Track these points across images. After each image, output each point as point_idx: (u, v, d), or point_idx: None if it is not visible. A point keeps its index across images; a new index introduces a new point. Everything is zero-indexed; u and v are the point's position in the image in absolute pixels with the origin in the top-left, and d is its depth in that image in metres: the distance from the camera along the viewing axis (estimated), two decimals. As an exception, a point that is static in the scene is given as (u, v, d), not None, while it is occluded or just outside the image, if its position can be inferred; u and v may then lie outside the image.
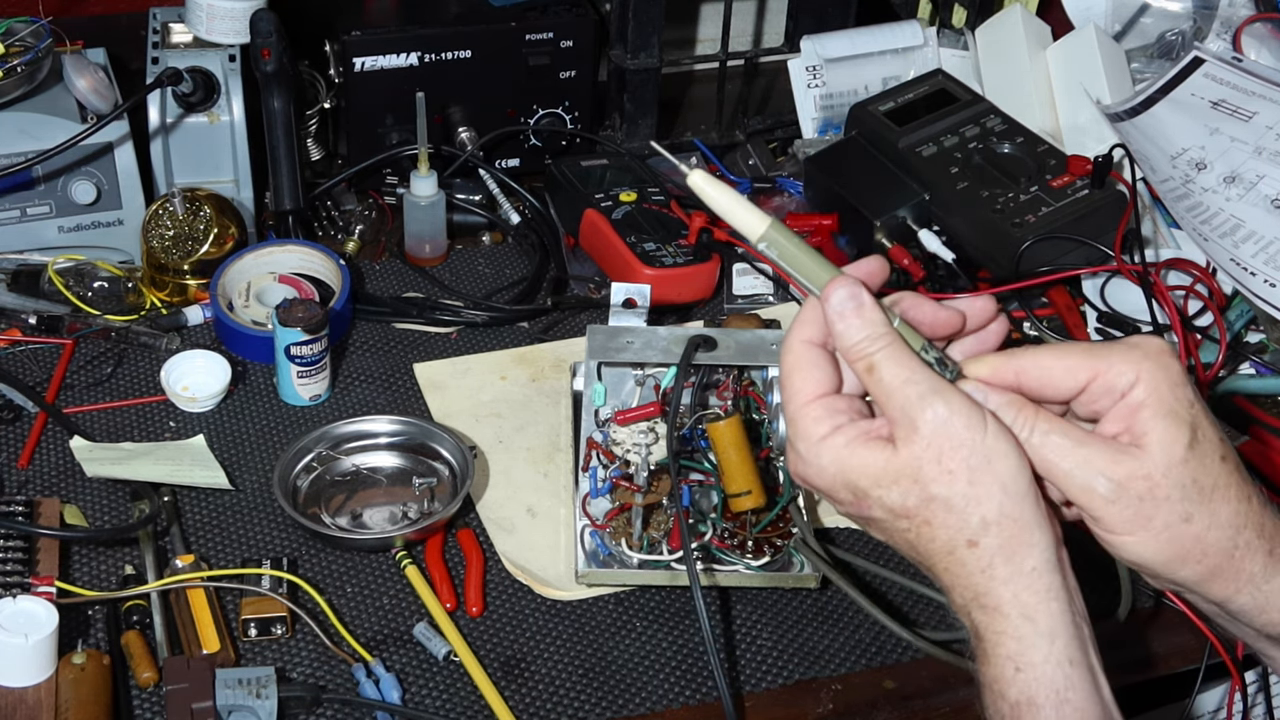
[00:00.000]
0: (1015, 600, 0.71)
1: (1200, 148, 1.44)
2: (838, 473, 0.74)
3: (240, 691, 0.95)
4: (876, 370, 0.73)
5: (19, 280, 1.30)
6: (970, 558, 0.72)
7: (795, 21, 1.64)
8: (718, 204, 0.75)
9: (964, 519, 0.71)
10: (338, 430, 1.18)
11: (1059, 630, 0.71)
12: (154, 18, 1.42)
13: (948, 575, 0.74)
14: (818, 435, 0.74)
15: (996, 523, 0.71)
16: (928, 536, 0.73)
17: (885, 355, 0.73)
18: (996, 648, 0.72)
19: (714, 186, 0.75)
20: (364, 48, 1.43)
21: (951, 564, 0.73)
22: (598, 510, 1.09)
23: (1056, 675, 0.71)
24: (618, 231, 1.37)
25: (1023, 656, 0.71)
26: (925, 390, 0.72)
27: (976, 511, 0.71)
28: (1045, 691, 0.71)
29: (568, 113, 1.53)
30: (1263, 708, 1.22)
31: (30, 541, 1.05)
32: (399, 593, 1.07)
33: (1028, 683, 0.71)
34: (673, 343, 1.06)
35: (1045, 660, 0.71)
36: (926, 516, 0.72)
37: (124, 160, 1.33)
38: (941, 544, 0.73)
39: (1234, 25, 1.56)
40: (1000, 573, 0.72)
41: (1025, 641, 0.71)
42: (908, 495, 0.72)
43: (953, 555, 0.73)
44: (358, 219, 1.46)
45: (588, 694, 1.01)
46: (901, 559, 0.80)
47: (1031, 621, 0.71)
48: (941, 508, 0.72)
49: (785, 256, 0.75)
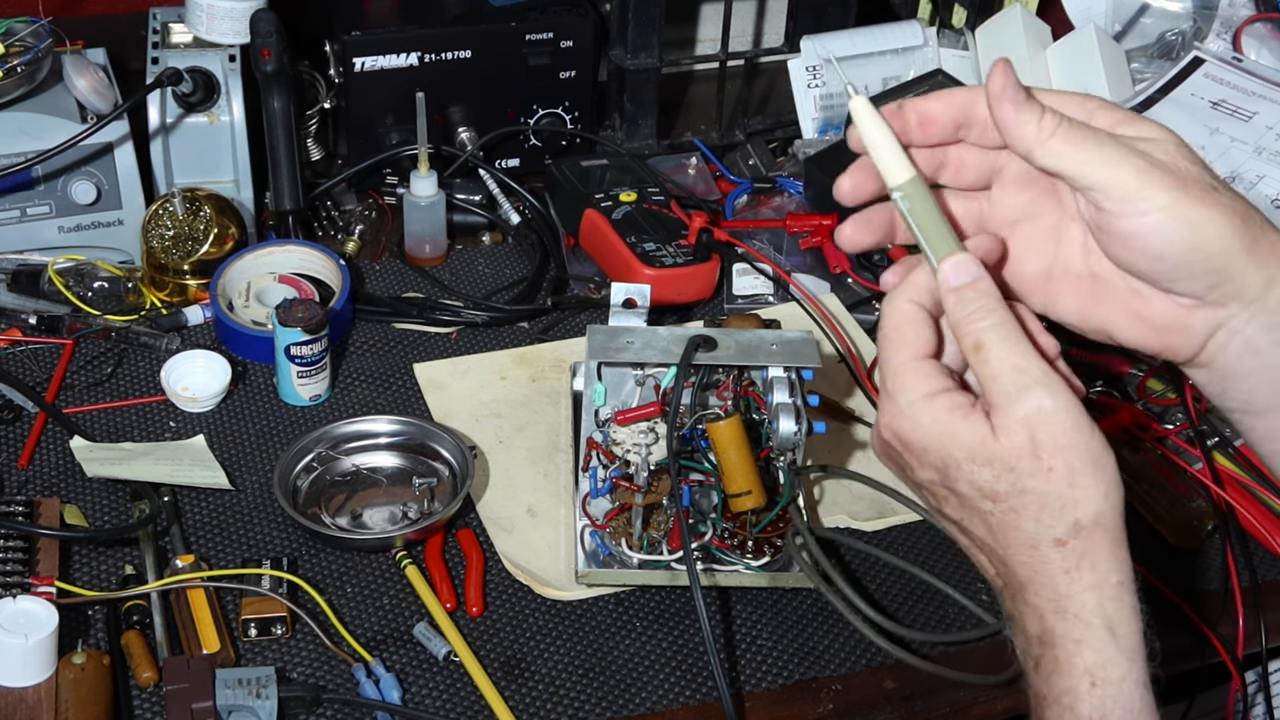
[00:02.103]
0: (1100, 610, 0.69)
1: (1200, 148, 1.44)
2: (934, 435, 0.71)
3: (240, 691, 0.95)
4: (985, 349, 0.70)
5: (19, 280, 1.30)
6: (1055, 556, 0.69)
7: (795, 21, 1.64)
8: (869, 137, 0.73)
9: (1056, 518, 0.69)
10: (338, 430, 1.18)
11: (1138, 651, 0.69)
12: (154, 18, 1.42)
13: (1025, 570, 0.71)
14: (924, 391, 0.71)
15: (1089, 529, 0.69)
16: (1012, 524, 0.70)
17: (996, 335, 0.70)
18: (1073, 657, 0.69)
19: (873, 119, 0.73)
20: (364, 48, 1.43)
21: (1033, 559, 0.70)
22: (598, 510, 1.09)
23: (1134, 695, 0.69)
24: (618, 231, 1.37)
25: (1101, 670, 0.69)
26: (1032, 381, 0.69)
27: (1072, 514, 0.69)
28: (1120, 711, 0.69)
29: (568, 113, 1.53)
30: (1262, 708, 1.22)
31: (30, 541, 1.05)
32: (399, 593, 1.07)
33: (1102, 700, 0.69)
34: (673, 343, 1.06)
35: (1124, 678, 0.69)
36: (1015, 505, 0.70)
37: (124, 160, 1.33)
38: (1026, 536, 0.70)
39: (1234, 25, 1.56)
40: (1086, 578, 0.69)
41: (1105, 655, 0.69)
42: (999, 480, 0.69)
43: (1036, 550, 0.70)
44: (358, 219, 1.46)
45: (588, 694, 1.01)
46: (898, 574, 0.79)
47: (1114, 635, 0.69)
48: (1034, 501, 0.69)
49: (915, 214, 0.73)
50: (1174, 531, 1.15)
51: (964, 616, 1.08)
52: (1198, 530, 1.15)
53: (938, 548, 1.13)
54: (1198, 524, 1.14)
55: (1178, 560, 1.15)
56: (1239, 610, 1.09)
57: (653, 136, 1.58)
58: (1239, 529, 1.15)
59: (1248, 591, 1.10)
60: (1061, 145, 0.70)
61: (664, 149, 1.58)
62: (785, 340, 1.08)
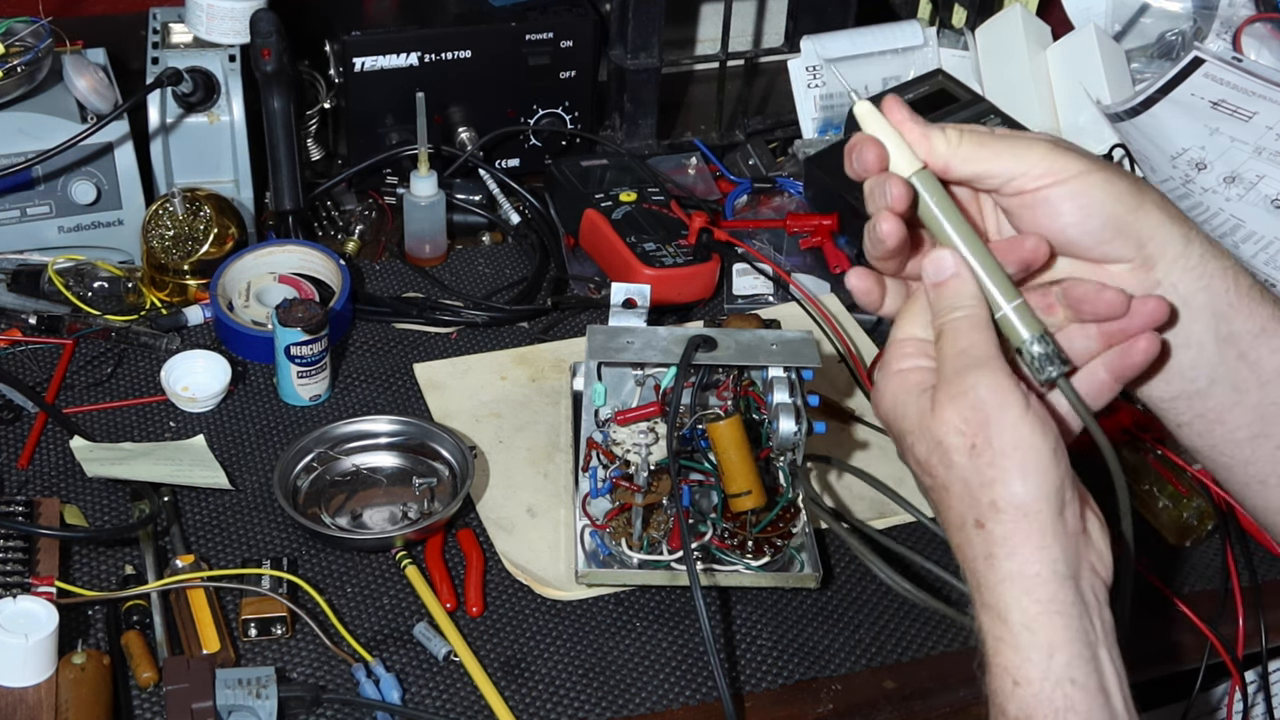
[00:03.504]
0: (1016, 603, 0.70)
1: (1200, 148, 1.44)
2: (891, 408, 0.76)
3: (240, 691, 0.95)
4: (942, 336, 0.74)
5: (19, 280, 1.30)
6: (977, 539, 0.71)
7: (795, 21, 1.64)
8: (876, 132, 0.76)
9: (976, 497, 0.71)
10: (338, 430, 1.18)
11: (1059, 645, 0.69)
12: (154, 18, 1.42)
13: (958, 554, 0.73)
14: (894, 368, 0.76)
15: (1006, 511, 0.70)
16: (945, 504, 0.73)
17: (955, 325, 0.74)
18: (996, 655, 0.71)
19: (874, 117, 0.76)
20: (364, 48, 1.43)
21: (961, 541, 0.72)
22: (598, 510, 1.09)
23: (1055, 694, 0.69)
24: (618, 231, 1.37)
25: (1020, 670, 0.70)
26: (971, 362, 0.72)
27: (989, 493, 0.70)
28: (1044, 711, 0.69)
29: (568, 113, 1.53)
30: (1262, 708, 1.22)
31: (30, 541, 1.05)
32: (399, 593, 1.07)
33: (1025, 699, 0.69)
34: (673, 343, 1.06)
35: (1043, 677, 0.69)
36: (945, 481, 0.72)
37: (124, 160, 1.33)
38: (955, 515, 0.72)
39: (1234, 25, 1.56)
40: (1002, 567, 0.70)
41: (1023, 653, 0.70)
42: (932, 455, 0.73)
43: (962, 531, 0.72)
44: (358, 219, 1.46)
45: (588, 694, 1.01)
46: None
47: (1030, 632, 0.69)
48: (958, 479, 0.72)
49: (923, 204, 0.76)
50: (1174, 531, 1.15)
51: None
52: (1198, 530, 1.15)
53: (937, 548, 1.13)
54: (1198, 524, 1.14)
55: (1178, 560, 1.15)
56: (1239, 610, 1.09)
57: (653, 136, 1.58)
58: (1239, 529, 1.15)
59: (1248, 591, 1.10)
60: (972, 150, 0.75)
61: (664, 149, 1.58)
62: (785, 340, 1.08)
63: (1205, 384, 0.77)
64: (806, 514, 1.09)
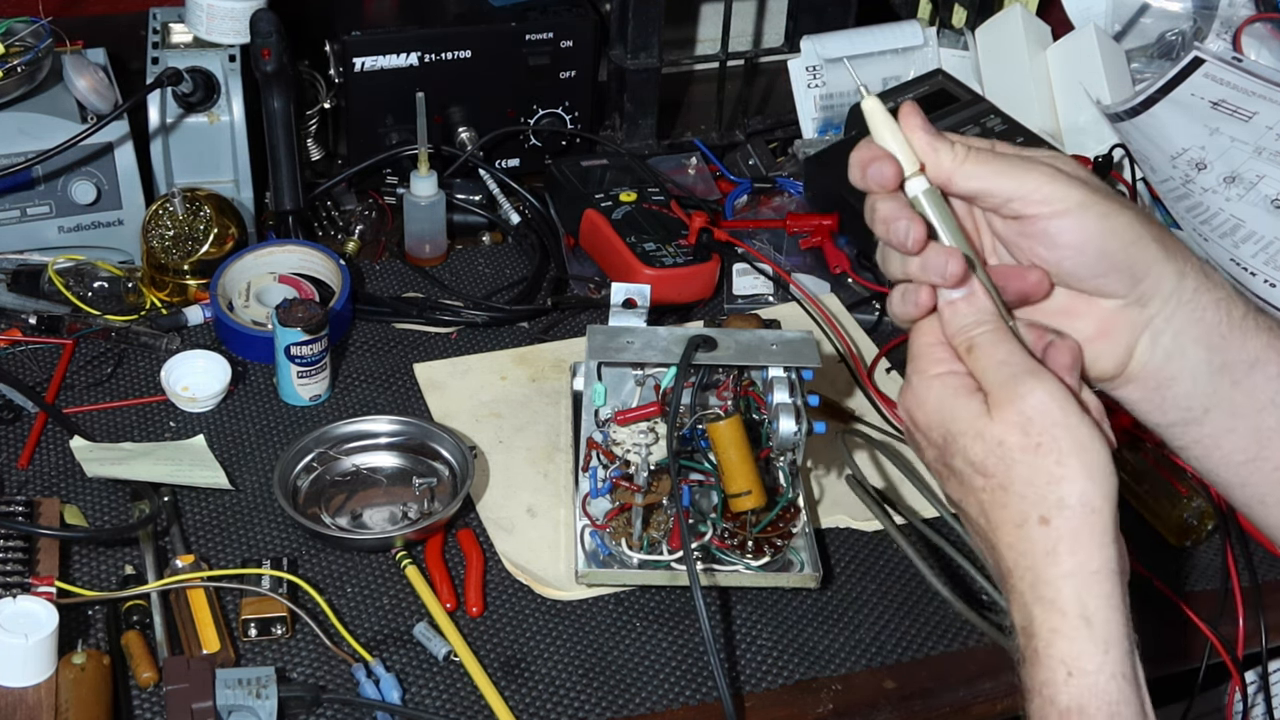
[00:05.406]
0: (1075, 597, 0.71)
1: (1200, 148, 1.44)
2: (935, 411, 0.76)
3: (240, 691, 0.95)
4: (975, 349, 0.75)
5: (19, 280, 1.30)
6: (1039, 535, 0.72)
7: (795, 21, 1.64)
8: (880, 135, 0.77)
9: (1042, 494, 0.71)
10: (338, 430, 1.18)
11: (1114, 641, 0.71)
12: (154, 18, 1.42)
13: (1011, 553, 0.73)
14: (933, 372, 0.77)
15: (1074, 508, 0.71)
16: (1000, 502, 0.73)
17: (985, 338, 0.75)
18: (1050, 647, 0.71)
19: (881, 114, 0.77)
20: (364, 48, 1.43)
21: (1018, 540, 0.73)
22: (598, 510, 1.09)
23: (1110, 687, 0.70)
24: (618, 231, 1.37)
25: (1076, 661, 0.70)
26: (1021, 369, 0.73)
27: (1056, 490, 0.71)
28: (1098, 701, 0.70)
29: (568, 113, 1.53)
30: (1262, 708, 1.22)
31: (30, 541, 1.05)
32: (399, 593, 1.07)
33: (1080, 690, 0.70)
34: (673, 343, 1.06)
35: (1099, 669, 0.70)
36: (1003, 481, 0.73)
37: (124, 160, 1.33)
38: (1013, 513, 0.73)
39: (1234, 25, 1.56)
40: (1065, 562, 0.71)
41: (1080, 645, 0.71)
42: (989, 455, 0.73)
43: (1021, 529, 0.72)
44: (358, 219, 1.45)
45: (588, 694, 1.01)
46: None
47: (1089, 624, 0.70)
48: (1021, 477, 0.72)
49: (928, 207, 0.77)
50: (1174, 531, 1.15)
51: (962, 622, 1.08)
52: (1198, 530, 1.15)
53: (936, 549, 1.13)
54: (1198, 524, 1.14)
55: (1178, 560, 1.15)
56: (1239, 610, 1.09)
57: (653, 136, 1.58)
58: (1239, 529, 1.15)
59: (1248, 591, 1.10)
60: (975, 167, 0.76)
61: (664, 149, 1.58)
62: (785, 340, 1.08)
63: (1200, 413, 0.79)
64: (806, 514, 1.09)
